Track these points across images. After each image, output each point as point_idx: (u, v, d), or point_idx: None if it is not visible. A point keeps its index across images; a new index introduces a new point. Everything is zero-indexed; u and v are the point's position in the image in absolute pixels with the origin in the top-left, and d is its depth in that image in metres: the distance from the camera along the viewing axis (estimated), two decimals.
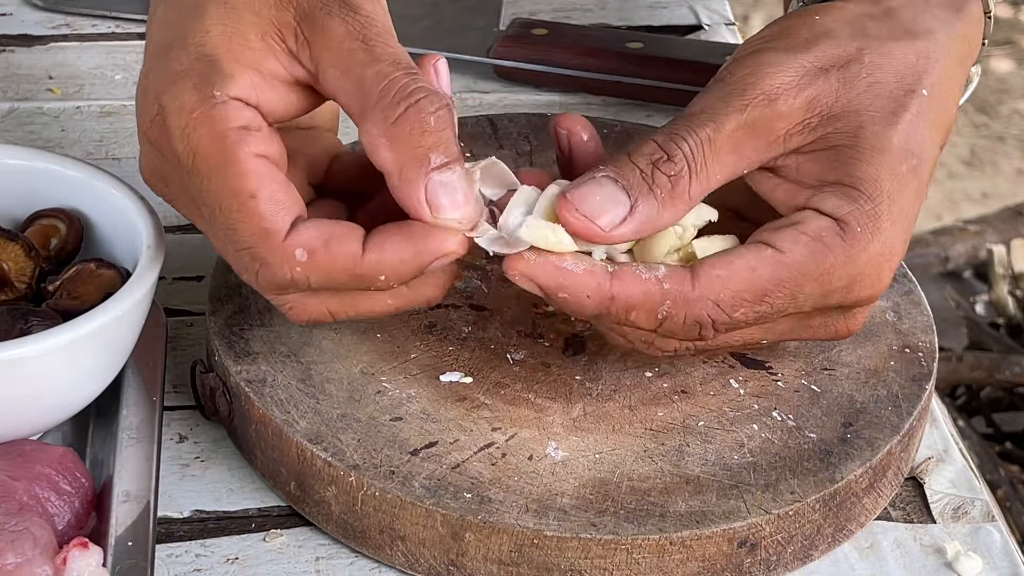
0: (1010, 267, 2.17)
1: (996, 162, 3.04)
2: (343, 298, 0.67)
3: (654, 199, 0.65)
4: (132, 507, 0.65)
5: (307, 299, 0.67)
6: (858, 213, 0.66)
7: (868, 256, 0.66)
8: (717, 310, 0.65)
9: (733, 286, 0.65)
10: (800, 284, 0.66)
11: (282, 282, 0.65)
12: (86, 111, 0.96)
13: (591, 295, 0.65)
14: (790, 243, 0.66)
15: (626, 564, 0.66)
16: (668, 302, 0.65)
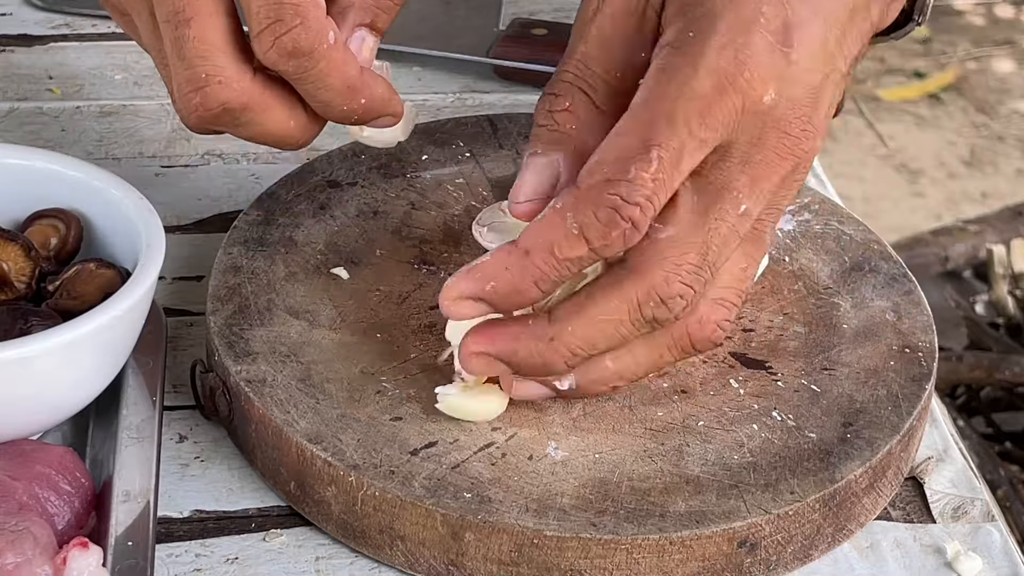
0: (1010, 267, 2.17)
1: (996, 162, 3.04)
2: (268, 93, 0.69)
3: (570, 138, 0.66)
4: (132, 507, 0.65)
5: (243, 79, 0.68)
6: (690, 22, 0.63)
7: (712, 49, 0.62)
8: (613, 183, 0.61)
9: (609, 156, 0.62)
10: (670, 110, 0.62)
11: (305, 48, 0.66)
12: (86, 111, 0.96)
13: (509, 265, 0.64)
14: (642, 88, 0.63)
15: (626, 564, 0.66)
16: (569, 214, 0.62)
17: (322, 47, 0.67)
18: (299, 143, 0.72)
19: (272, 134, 0.71)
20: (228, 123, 0.69)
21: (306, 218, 0.81)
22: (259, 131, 0.70)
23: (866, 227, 0.84)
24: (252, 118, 0.69)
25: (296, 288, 0.77)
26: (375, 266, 0.79)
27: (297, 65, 0.67)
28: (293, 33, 0.66)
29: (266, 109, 0.69)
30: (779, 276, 0.80)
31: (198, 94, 0.67)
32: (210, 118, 0.68)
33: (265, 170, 0.91)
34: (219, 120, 0.69)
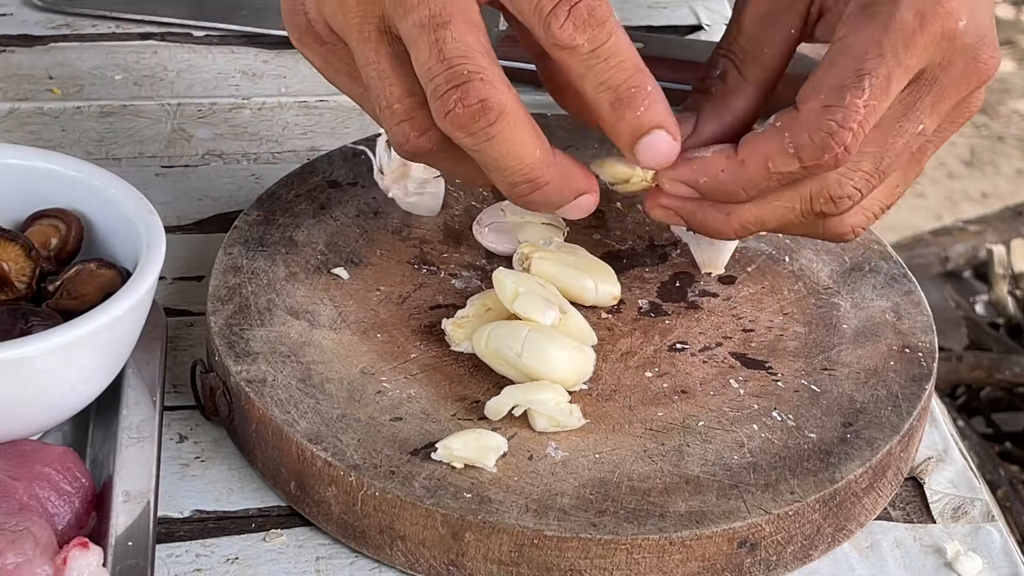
0: (1010, 267, 2.17)
1: (996, 162, 3.04)
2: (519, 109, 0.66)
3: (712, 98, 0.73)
4: (132, 507, 0.65)
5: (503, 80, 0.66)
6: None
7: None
8: (830, 109, 0.67)
9: (827, 83, 0.67)
10: (878, 43, 0.67)
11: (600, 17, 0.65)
12: (86, 111, 0.96)
13: (725, 167, 0.69)
14: (845, 27, 0.68)
15: (626, 564, 0.66)
16: (787, 134, 0.67)
17: (613, 17, 0.66)
18: (540, 183, 0.68)
19: (518, 157, 0.67)
20: (480, 129, 0.65)
21: (306, 218, 0.81)
22: (505, 150, 0.66)
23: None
24: (505, 128, 0.66)
25: (296, 288, 0.77)
26: (375, 266, 0.79)
27: (592, 37, 0.65)
28: (586, 1, 0.65)
29: (520, 123, 0.66)
30: (779, 276, 0.80)
31: (459, 90, 0.65)
32: (466, 118, 0.65)
33: (265, 170, 0.91)
34: (473, 123, 0.65)
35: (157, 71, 1.00)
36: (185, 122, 0.95)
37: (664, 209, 0.73)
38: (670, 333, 0.76)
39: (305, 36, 0.71)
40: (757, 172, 0.69)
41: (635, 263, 0.81)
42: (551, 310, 0.72)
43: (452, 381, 0.72)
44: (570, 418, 0.70)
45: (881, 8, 0.68)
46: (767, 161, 0.68)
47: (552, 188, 0.68)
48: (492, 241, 0.80)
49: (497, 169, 0.67)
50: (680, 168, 0.70)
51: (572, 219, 0.76)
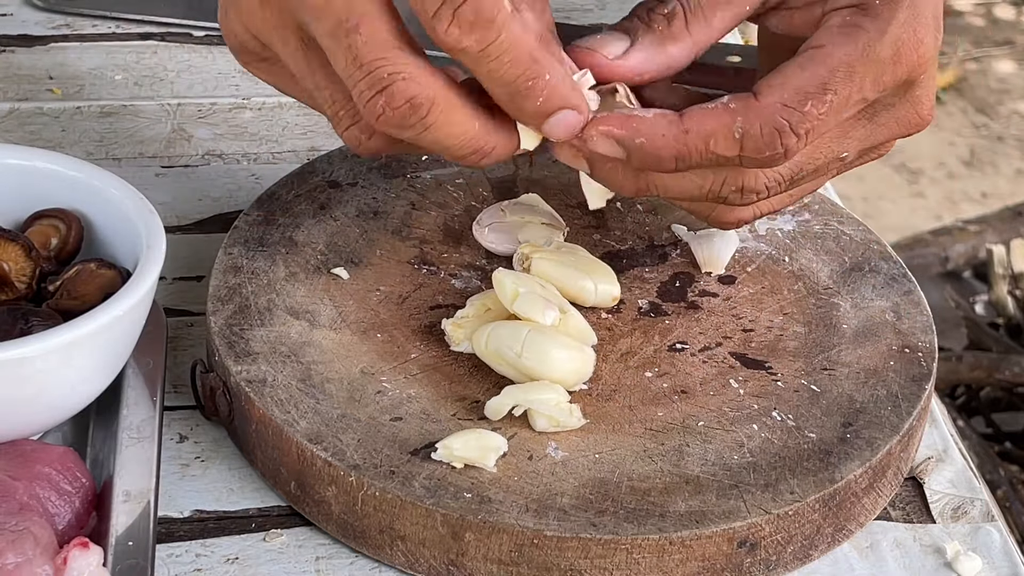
0: (1010, 267, 2.17)
1: (996, 162, 3.04)
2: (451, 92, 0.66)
3: (652, 33, 0.70)
4: (132, 507, 0.65)
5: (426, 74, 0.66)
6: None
7: (899, 22, 0.68)
8: (786, 110, 0.67)
9: (792, 84, 0.67)
10: (850, 64, 0.68)
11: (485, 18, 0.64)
12: (86, 111, 0.96)
13: (666, 133, 0.68)
14: (825, 37, 0.68)
15: (626, 564, 0.66)
16: (739, 119, 0.67)
17: (502, 13, 0.64)
18: (486, 151, 0.68)
19: (459, 137, 0.67)
20: (414, 125, 0.66)
21: (306, 218, 0.81)
22: (445, 134, 0.67)
23: (866, 227, 0.84)
24: (439, 117, 0.66)
25: (296, 288, 0.77)
26: (375, 266, 0.79)
27: (480, 38, 0.64)
28: (470, 2, 0.64)
29: (452, 107, 0.66)
30: (779, 276, 0.80)
31: (383, 95, 0.65)
32: (397, 120, 0.66)
33: (265, 170, 0.91)
34: (405, 122, 0.66)
35: (157, 71, 1.00)
36: (185, 122, 0.95)
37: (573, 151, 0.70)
38: (670, 333, 0.76)
39: (243, 55, 0.71)
40: (696, 146, 0.68)
41: (635, 263, 0.81)
42: (551, 310, 0.72)
43: (452, 381, 0.72)
44: (570, 418, 0.70)
45: (864, 32, 0.68)
46: (710, 138, 0.67)
47: (500, 149, 0.69)
48: (492, 241, 0.80)
49: (443, 149, 0.68)
50: (615, 122, 0.68)
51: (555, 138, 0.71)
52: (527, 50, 0.66)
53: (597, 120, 0.68)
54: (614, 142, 0.68)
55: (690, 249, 0.81)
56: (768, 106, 0.67)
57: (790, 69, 0.68)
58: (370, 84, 0.65)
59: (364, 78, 0.65)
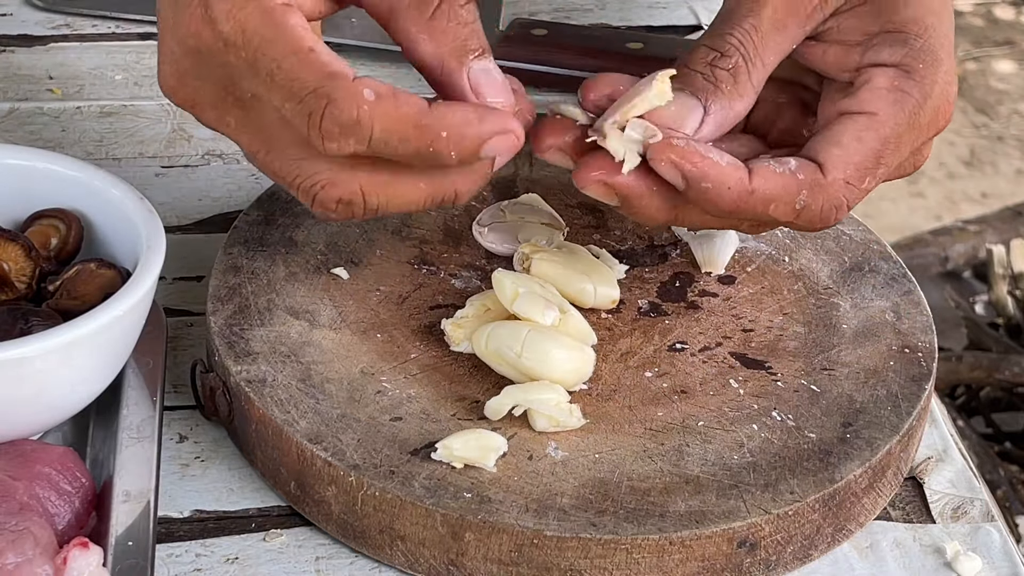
0: (1009, 267, 2.17)
1: (996, 162, 3.04)
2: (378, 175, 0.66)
3: (723, 95, 0.69)
4: (132, 507, 0.65)
5: (342, 173, 0.65)
6: (913, 53, 0.70)
7: (939, 86, 0.70)
8: (848, 187, 0.69)
9: (854, 160, 0.69)
10: (900, 135, 0.69)
11: (348, 121, 0.63)
12: (86, 111, 0.96)
13: (732, 187, 0.68)
14: (875, 103, 0.69)
15: (626, 564, 0.66)
16: (804, 191, 0.68)
17: (363, 108, 0.63)
18: (449, 197, 0.67)
19: (414, 202, 0.67)
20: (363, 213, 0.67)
21: (306, 218, 0.81)
22: (398, 205, 0.67)
23: (866, 227, 0.84)
24: (380, 198, 0.66)
25: (296, 288, 0.77)
26: (375, 266, 0.79)
27: (358, 139, 0.64)
28: (327, 115, 0.63)
29: (386, 184, 0.66)
30: (779, 276, 0.80)
31: (315, 203, 0.66)
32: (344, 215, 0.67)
33: None
34: (354, 213, 0.67)
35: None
36: (185, 122, 0.95)
37: (603, 188, 0.69)
38: (670, 333, 0.76)
39: None
40: (756, 207, 0.68)
41: (635, 263, 0.81)
42: (551, 310, 0.72)
43: (452, 381, 0.72)
44: (570, 418, 0.70)
45: (911, 99, 0.69)
46: (771, 203, 0.68)
47: (464, 187, 0.67)
48: (492, 241, 0.80)
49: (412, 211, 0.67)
50: (690, 157, 0.67)
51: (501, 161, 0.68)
52: (409, 124, 0.64)
53: (670, 146, 0.67)
54: (680, 175, 0.68)
55: (690, 249, 0.81)
56: (834, 183, 0.69)
57: (847, 139, 0.69)
58: (303, 195, 0.67)
59: (296, 192, 0.67)
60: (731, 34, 0.70)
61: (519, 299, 0.72)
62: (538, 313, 0.72)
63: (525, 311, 0.72)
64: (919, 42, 0.70)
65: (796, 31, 0.71)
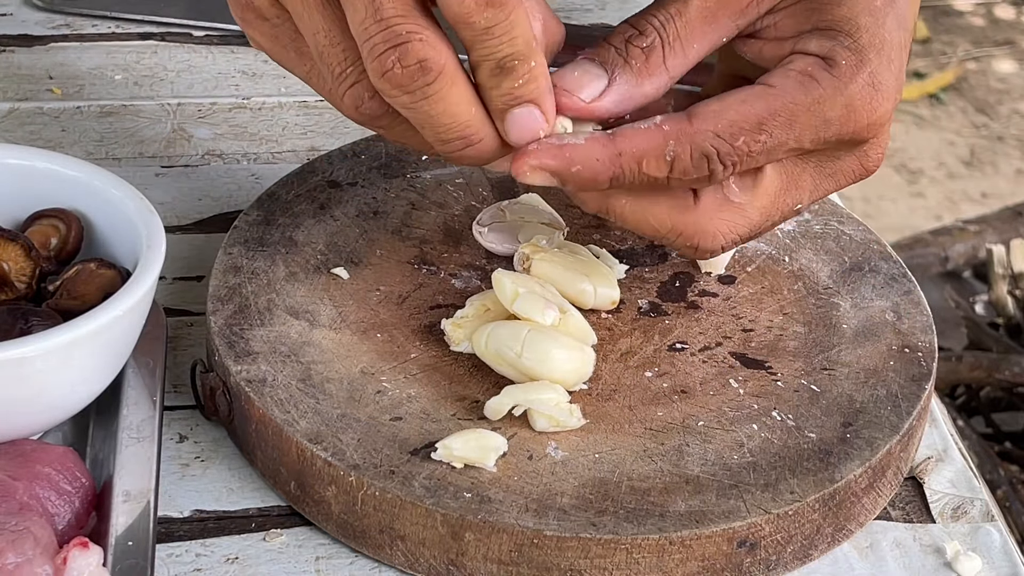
0: (1009, 267, 2.17)
1: (996, 162, 3.04)
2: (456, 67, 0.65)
3: (631, 70, 0.69)
4: (132, 507, 0.65)
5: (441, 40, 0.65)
6: (840, 48, 0.69)
7: (857, 85, 0.68)
8: (718, 140, 0.67)
9: (728, 116, 0.67)
10: (793, 112, 0.68)
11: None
12: (86, 111, 0.96)
13: (600, 157, 0.67)
14: (779, 79, 0.69)
15: (626, 564, 0.66)
16: (671, 141, 0.67)
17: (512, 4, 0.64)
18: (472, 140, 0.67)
19: (453, 115, 0.66)
20: (418, 89, 0.65)
21: (306, 218, 0.81)
22: (442, 108, 0.66)
23: (866, 227, 0.84)
24: (442, 88, 0.65)
25: (296, 288, 0.77)
26: (375, 266, 0.79)
27: (491, 16, 0.64)
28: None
29: (456, 81, 0.66)
30: (779, 276, 0.80)
31: (396, 50, 0.65)
32: (403, 79, 0.65)
33: (265, 170, 0.91)
34: (411, 83, 0.65)
35: (157, 71, 1.00)
36: (185, 122, 0.95)
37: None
38: (670, 333, 0.76)
39: (247, 13, 0.70)
40: (629, 167, 0.68)
41: (635, 263, 0.81)
42: (551, 310, 0.72)
43: (452, 381, 0.72)
44: (570, 418, 0.70)
45: (818, 86, 0.68)
46: (643, 159, 0.67)
47: (485, 144, 0.68)
48: (492, 241, 0.80)
49: (434, 126, 0.67)
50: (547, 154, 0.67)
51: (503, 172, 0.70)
52: (526, 37, 0.65)
53: (527, 152, 0.67)
54: (548, 174, 0.68)
55: None
56: (700, 132, 0.67)
57: (731, 100, 0.68)
58: (386, 38, 0.65)
59: (381, 31, 0.65)
60: (654, 16, 0.70)
61: (519, 299, 0.72)
62: (538, 313, 0.72)
63: (525, 311, 0.72)
64: (848, 40, 0.69)
65: (727, 23, 0.70)
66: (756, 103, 0.68)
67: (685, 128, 0.67)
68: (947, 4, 3.47)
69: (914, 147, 3.06)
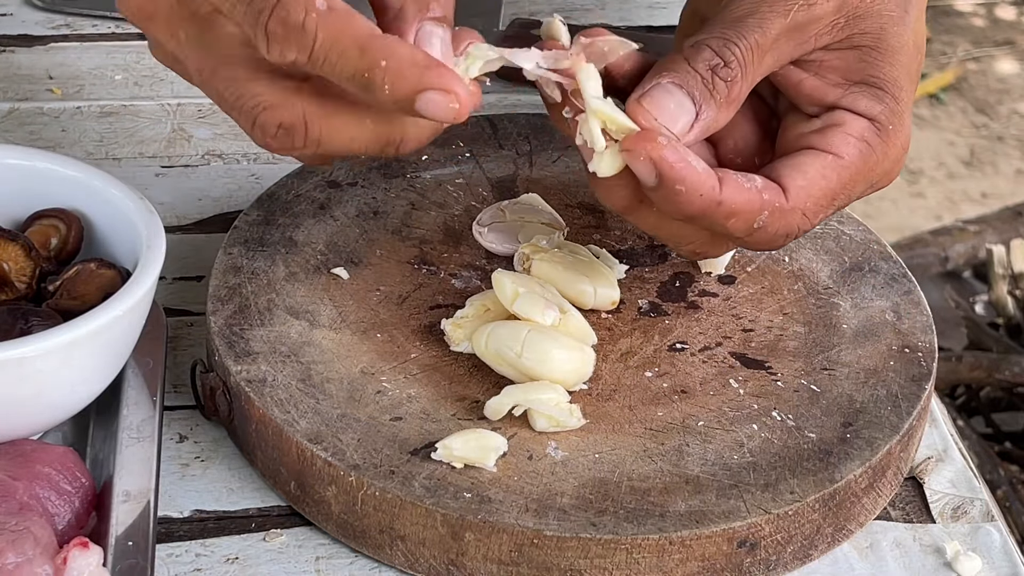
0: (1009, 267, 2.17)
1: (996, 162, 3.04)
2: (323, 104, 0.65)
3: (715, 104, 0.69)
4: (132, 507, 0.65)
5: (286, 96, 0.64)
6: (888, 112, 0.71)
7: (897, 148, 0.72)
8: (803, 219, 0.70)
9: (815, 194, 0.70)
10: (856, 182, 0.71)
11: (294, 24, 0.62)
12: (86, 111, 0.96)
13: (704, 194, 0.67)
14: (844, 147, 0.71)
15: (626, 564, 0.66)
16: (766, 212, 0.69)
17: (311, 16, 0.62)
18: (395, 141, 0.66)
19: (357, 140, 0.66)
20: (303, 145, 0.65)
21: (306, 218, 0.81)
22: (340, 142, 0.65)
23: (866, 227, 0.84)
24: (323, 130, 0.65)
25: (296, 288, 0.77)
26: (375, 266, 0.79)
27: (300, 47, 0.62)
28: (275, 15, 0.62)
29: (330, 116, 0.65)
30: (779, 276, 0.80)
31: (256, 128, 0.65)
32: (283, 145, 0.65)
33: (265, 170, 0.91)
34: (293, 144, 0.65)
35: (157, 71, 1.00)
36: (185, 122, 0.95)
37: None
38: (670, 333, 0.76)
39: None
40: (718, 217, 0.68)
41: (635, 263, 0.81)
42: (551, 310, 0.72)
43: (452, 381, 0.72)
44: (570, 418, 0.70)
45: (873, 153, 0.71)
46: (732, 216, 0.68)
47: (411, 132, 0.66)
48: (492, 241, 0.80)
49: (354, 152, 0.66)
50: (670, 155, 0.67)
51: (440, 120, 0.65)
52: (353, 42, 0.63)
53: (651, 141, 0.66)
54: (654, 172, 0.67)
55: None
56: (793, 211, 0.69)
57: (815, 174, 0.70)
58: (244, 118, 0.66)
59: (237, 116, 0.66)
60: (737, 45, 0.69)
61: (519, 299, 0.72)
62: (538, 313, 0.72)
63: (525, 311, 0.72)
64: (893, 103, 0.71)
65: (787, 55, 0.71)
66: (833, 177, 0.70)
67: (782, 204, 0.69)
68: (947, 4, 3.47)
69: (914, 147, 3.05)
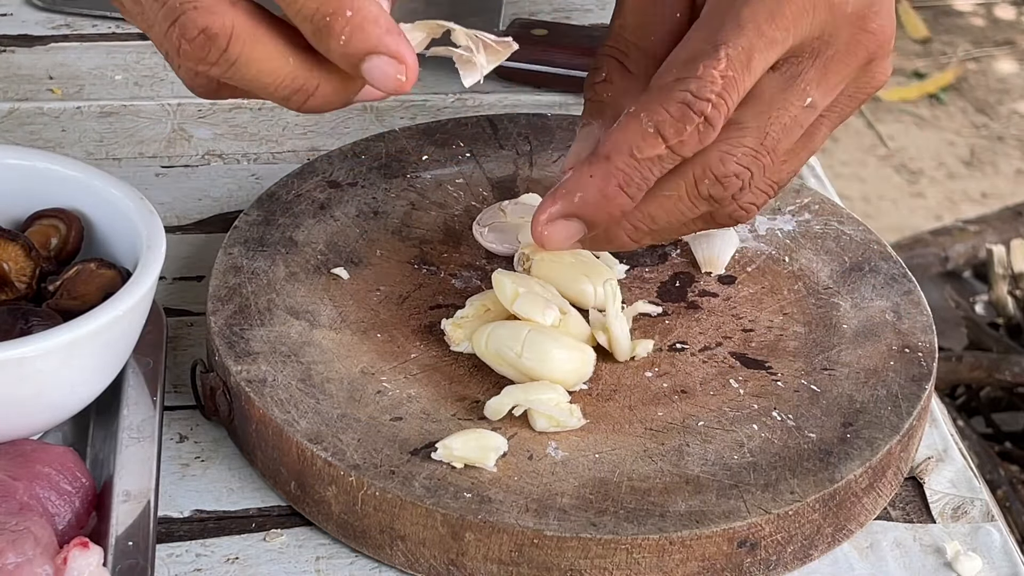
0: (1010, 267, 2.17)
1: (996, 162, 3.04)
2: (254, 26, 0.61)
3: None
4: (132, 507, 0.65)
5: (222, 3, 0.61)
6: None
7: None
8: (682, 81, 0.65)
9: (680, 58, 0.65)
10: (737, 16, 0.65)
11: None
12: (86, 111, 0.96)
13: (592, 173, 0.66)
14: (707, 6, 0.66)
15: (626, 564, 0.66)
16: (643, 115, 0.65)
17: None
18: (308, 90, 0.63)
19: (271, 73, 0.62)
20: (217, 60, 0.61)
21: (306, 218, 0.81)
22: (255, 70, 0.61)
23: (866, 227, 0.84)
24: (242, 51, 0.61)
25: (296, 288, 0.77)
26: (375, 266, 0.79)
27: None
28: None
29: (256, 39, 0.61)
30: (779, 276, 0.80)
31: (176, 26, 0.60)
32: (195, 53, 0.61)
33: (265, 170, 0.91)
34: (205, 56, 0.61)
35: (157, 71, 1.00)
36: (185, 122, 0.95)
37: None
38: (670, 333, 0.76)
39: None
40: (627, 164, 0.65)
41: (635, 263, 0.81)
42: (551, 310, 0.72)
43: (452, 381, 0.72)
44: (570, 418, 0.70)
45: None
46: (632, 149, 0.65)
47: (327, 89, 0.63)
48: (492, 241, 0.80)
49: (260, 88, 0.62)
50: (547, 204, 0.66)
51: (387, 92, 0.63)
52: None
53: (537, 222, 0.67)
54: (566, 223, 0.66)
55: (690, 249, 0.81)
56: (664, 87, 0.65)
57: (679, 45, 0.66)
58: (165, 15, 0.61)
59: (160, 10, 0.61)
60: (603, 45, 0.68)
61: (519, 299, 0.72)
62: (538, 313, 0.72)
63: (525, 311, 0.72)
64: None
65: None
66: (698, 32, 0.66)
67: (648, 95, 0.65)
68: (947, 4, 3.47)
69: (914, 147, 3.06)
